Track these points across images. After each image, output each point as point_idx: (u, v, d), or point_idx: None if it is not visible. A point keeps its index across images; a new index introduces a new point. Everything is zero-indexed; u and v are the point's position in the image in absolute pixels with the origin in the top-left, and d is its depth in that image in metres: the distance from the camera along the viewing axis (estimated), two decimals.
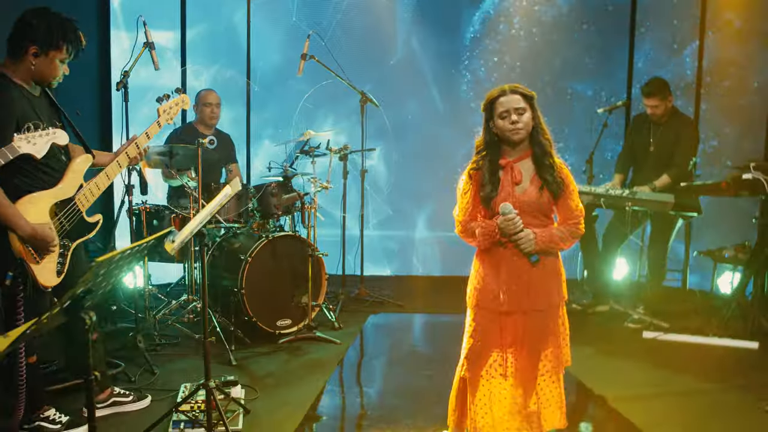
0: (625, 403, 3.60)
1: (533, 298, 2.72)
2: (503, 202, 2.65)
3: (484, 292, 2.75)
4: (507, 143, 2.71)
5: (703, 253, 5.15)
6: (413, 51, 6.63)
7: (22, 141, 2.46)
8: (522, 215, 2.66)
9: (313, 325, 4.66)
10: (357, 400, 3.65)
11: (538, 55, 6.51)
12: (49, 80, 2.96)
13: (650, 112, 5.02)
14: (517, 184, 2.70)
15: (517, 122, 2.65)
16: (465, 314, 2.87)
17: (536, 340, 2.74)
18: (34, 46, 2.84)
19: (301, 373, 4.02)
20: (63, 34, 2.88)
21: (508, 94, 2.71)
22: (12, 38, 2.88)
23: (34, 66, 2.87)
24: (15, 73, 2.88)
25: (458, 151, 6.65)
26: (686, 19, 6.12)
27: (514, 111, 2.66)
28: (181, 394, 3.57)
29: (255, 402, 3.54)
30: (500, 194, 2.67)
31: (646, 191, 4.80)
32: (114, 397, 3.40)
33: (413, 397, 3.68)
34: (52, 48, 2.87)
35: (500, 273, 2.72)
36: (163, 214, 4.75)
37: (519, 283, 2.70)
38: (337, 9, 6.44)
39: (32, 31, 2.83)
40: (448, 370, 3.89)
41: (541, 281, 2.73)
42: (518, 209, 2.65)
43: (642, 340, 4.70)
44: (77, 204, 3.00)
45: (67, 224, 2.97)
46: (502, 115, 2.67)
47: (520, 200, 2.68)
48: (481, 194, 2.70)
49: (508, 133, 2.67)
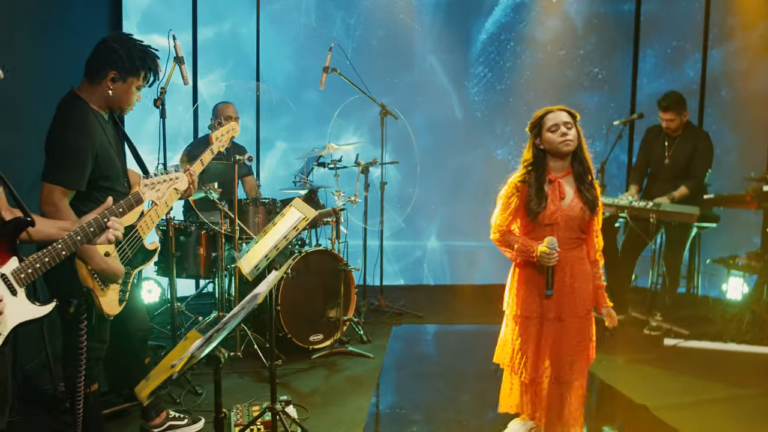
0: (668, 412, 3.70)
1: (576, 304, 2.88)
2: (551, 215, 2.79)
3: (528, 300, 2.90)
4: (554, 157, 2.84)
5: (716, 260, 5.33)
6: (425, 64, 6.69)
7: (147, 188, 2.41)
8: (565, 230, 2.82)
9: (345, 339, 4.66)
10: (408, 416, 3.65)
11: (545, 66, 6.63)
12: (124, 107, 2.90)
13: (665, 126, 5.17)
14: (562, 199, 2.82)
15: (566, 134, 2.76)
16: (503, 324, 3.05)
17: (575, 344, 2.88)
18: (114, 71, 2.79)
19: (345, 390, 4.02)
20: (143, 61, 2.83)
21: (556, 111, 2.84)
22: (92, 62, 2.82)
23: (111, 91, 2.81)
24: (91, 97, 2.82)
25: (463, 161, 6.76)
26: (690, 30, 6.34)
27: (563, 124, 2.78)
28: (233, 415, 3.53)
29: (308, 422, 3.52)
30: (548, 207, 2.80)
31: (665, 202, 4.95)
32: (169, 420, 3.34)
33: (461, 411, 3.71)
34: (131, 74, 2.82)
35: (542, 282, 2.85)
36: (190, 230, 4.67)
37: (563, 291, 2.84)
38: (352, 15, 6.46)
39: (113, 56, 2.77)
40: (486, 381, 4.00)
41: (582, 288, 2.90)
42: (563, 223, 2.81)
43: (664, 348, 4.84)
44: (139, 231, 2.95)
45: (130, 252, 2.92)
46: (552, 129, 2.79)
47: (566, 215, 2.82)
48: (530, 206, 2.82)
49: (558, 146, 2.78)
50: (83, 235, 2.18)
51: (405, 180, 6.60)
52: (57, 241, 2.12)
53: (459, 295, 6.43)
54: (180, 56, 4.34)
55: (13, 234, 2.05)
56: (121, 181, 2.90)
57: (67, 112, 2.78)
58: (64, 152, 2.69)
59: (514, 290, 2.94)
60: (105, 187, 2.80)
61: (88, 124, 2.73)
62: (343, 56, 5.32)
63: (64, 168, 2.68)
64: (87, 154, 2.68)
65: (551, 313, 2.84)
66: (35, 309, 2.08)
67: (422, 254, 6.87)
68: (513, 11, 6.69)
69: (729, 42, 6.22)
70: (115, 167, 2.86)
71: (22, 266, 2.03)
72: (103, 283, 2.75)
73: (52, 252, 2.10)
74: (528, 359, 2.90)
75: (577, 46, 6.65)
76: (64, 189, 2.67)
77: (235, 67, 6.28)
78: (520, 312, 2.90)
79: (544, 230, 2.81)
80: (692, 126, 5.25)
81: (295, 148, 6.45)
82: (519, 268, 2.94)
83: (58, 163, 2.69)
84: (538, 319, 2.86)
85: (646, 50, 6.59)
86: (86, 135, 2.70)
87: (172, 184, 2.54)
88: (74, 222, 2.29)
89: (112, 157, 2.84)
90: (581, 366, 2.93)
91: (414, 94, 6.51)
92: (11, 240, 2.04)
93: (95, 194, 2.78)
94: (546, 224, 2.80)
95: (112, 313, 2.82)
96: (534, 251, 2.76)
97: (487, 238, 6.94)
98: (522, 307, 2.88)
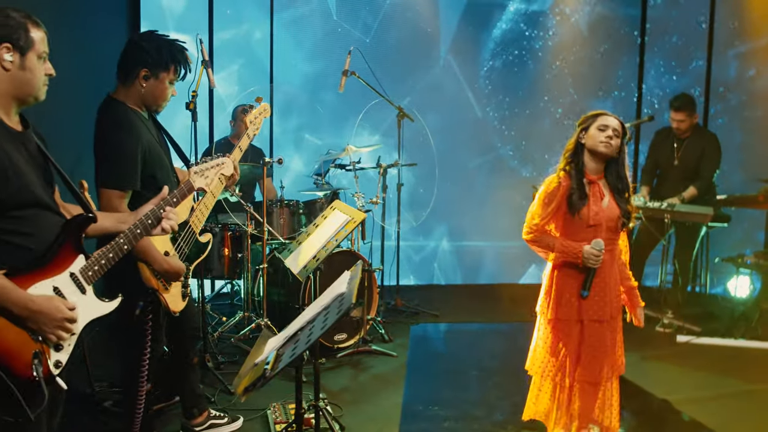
0: (690, 406, 3.83)
1: (612, 306, 2.95)
2: (595, 215, 2.84)
3: (565, 303, 2.92)
4: (591, 156, 2.90)
5: (725, 259, 5.48)
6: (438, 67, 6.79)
7: (197, 176, 2.44)
8: (605, 231, 2.87)
9: (368, 338, 4.73)
10: (441, 413, 3.74)
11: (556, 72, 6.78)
12: (159, 103, 2.93)
13: (675, 126, 5.32)
14: (601, 199, 2.91)
15: (611, 138, 2.85)
16: (536, 328, 3.06)
17: (611, 345, 2.96)
18: (145, 68, 2.82)
19: (374, 388, 4.10)
20: (172, 55, 2.86)
21: (611, 117, 2.92)
22: (123, 63, 2.86)
23: (144, 89, 2.84)
24: (127, 98, 2.85)
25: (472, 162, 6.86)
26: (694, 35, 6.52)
27: (612, 130, 2.86)
28: (270, 413, 3.60)
29: (342, 419, 3.59)
30: (591, 208, 2.85)
31: (675, 202, 5.09)
32: (211, 419, 3.39)
33: (493, 409, 3.81)
34: (162, 69, 2.85)
35: (580, 284, 2.89)
36: (214, 231, 4.72)
37: (600, 294, 2.90)
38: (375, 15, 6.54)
39: (143, 54, 2.81)
40: (513, 379, 4.09)
41: (614, 289, 2.98)
42: (605, 224, 2.86)
43: (677, 344, 4.97)
44: (192, 226, 3.00)
45: (186, 248, 2.97)
46: (601, 127, 2.87)
47: (606, 215, 2.88)
48: (572, 199, 2.84)
49: (598, 144, 2.85)
50: (142, 228, 2.20)
51: (418, 181, 6.69)
52: (119, 236, 2.15)
53: (471, 295, 6.53)
54: (207, 59, 4.40)
55: (78, 232, 2.05)
56: (171, 178, 2.94)
57: (110, 115, 2.81)
58: (115, 155, 2.72)
59: (552, 293, 2.94)
60: (156, 186, 2.82)
61: (132, 125, 2.77)
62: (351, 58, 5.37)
63: (118, 171, 2.72)
64: (136, 154, 2.72)
65: (587, 314, 2.88)
66: (104, 305, 2.11)
67: (433, 254, 6.96)
68: (524, 18, 6.82)
69: (734, 45, 6.40)
70: (164, 164, 2.90)
71: (89, 263, 2.05)
72: (167, 282, 2.80)
73: (115, 247, 2.12)
74: (564, 362, 2.92)
75: (585, 51, 6.79)
76: (121, 192, 2.71)
77: (249, 69, 6.33)
78: (557, 315, 2.90)
79: (586, 231, 2.84)
80: (700, 128, 5.41)
81: (310, 150, 6.51)
82: (556, 270, 2.95)
83: (111, 167, 2.73)
84: (576, 322, 2.89)
85: (653, 54, 6.74)
86: (133, 135, 2.74)
87: (219, 170, 2.57)
88: (129, 214, 2.31)
89: (159, 155, 2.88)
90: (617, 366, 3.01)
91: (426, 96, 6.59)
92: (77, 238, 2.04)
93: (147, 194, 2.80)
94: (589, 225, 2.83)
95: (177, 309, 2.88)
96: (579, 252, 2.81)
97: (494, 238, 7.05)
98: (559, 310, 2.90)
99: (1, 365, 1.81)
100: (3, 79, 1.93)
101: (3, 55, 1.91)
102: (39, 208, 1.97)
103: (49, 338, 1.90)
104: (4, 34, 1.91)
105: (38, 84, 2.00)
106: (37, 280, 1.91)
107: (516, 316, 5.69)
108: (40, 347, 1.89)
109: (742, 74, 6.43)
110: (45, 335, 1.89)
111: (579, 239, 2.85)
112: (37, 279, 1.91)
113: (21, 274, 1.88)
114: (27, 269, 1.90)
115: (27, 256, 1.93)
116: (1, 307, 1.81)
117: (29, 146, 2.01)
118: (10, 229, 1.90)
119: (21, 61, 1.94)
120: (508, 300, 6.24)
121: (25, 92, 1.98)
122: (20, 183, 1.90)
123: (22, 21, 1.95)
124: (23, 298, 1.84)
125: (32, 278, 1.91)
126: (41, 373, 1.86)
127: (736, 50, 6.44)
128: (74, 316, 1.93)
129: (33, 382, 1.85)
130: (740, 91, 6.49)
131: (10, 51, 1.92)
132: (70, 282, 2.00)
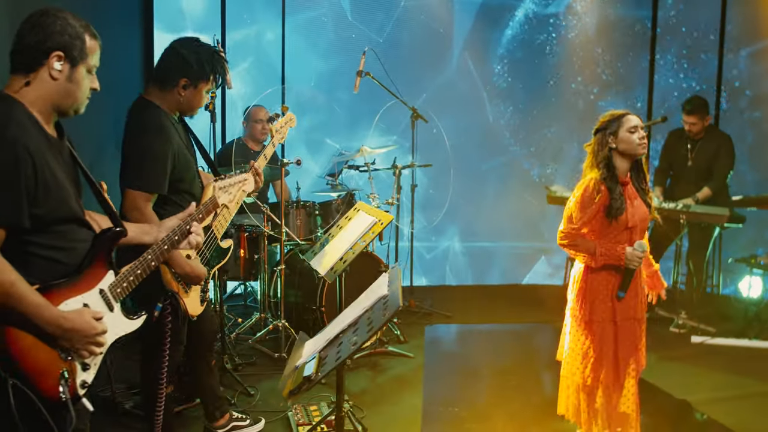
0: (710, 407, 3.85)
1: (643, 306, 2.98)
2: (632, 217, 2.85)
3: (599, 304, 2.92)
4: (622, 159, 2.89)
5: (738, 260, 5.48)
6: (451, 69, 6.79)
7: (221, 192, 2.45)
8: (639, 232, 2.90)
9: (385, 340, 4.74)
10: (462, 414, 3.75)
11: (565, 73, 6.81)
12: (194, 110, 2.95)
13: (687, 128, 5.33)
14: (634, 200, 2.92)
15: (643, 138, 2.86)
16: (567, 329, 3.05)
17: (639, 345, 2.98)
18: (186, 78, 2.82)
19: (393, 389, 4.10)
20: (212, 67, 2.87)
21: (632, 115, 2.92)
22: (162, 69, 2.85)
23: (182, 97, 2.85)
24: (162, 102, 2.85)
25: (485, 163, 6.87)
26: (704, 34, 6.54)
27: (641, 129, 2.86)
28: (291, 415, 3.60)
29: (364, 420, 3.59)
30: (627, 210, 2.86)
31: (690, 203, 5.11)
32: (233, 422, 3.39)
33: (514, 410, 3.81)
34: (201, 79, 2.85)
35: (616, 284, 2.89)
36: (230, 232, 4.70)
37: (632, 292, 2.92)
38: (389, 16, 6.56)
39: (185, 65, 2.80)
40: (529, 379, 4.11)
41: (643, 290, 3.00)
42: (639, 225, 2.88)
43: (691, 345, 4.98)
44: (214, 231, 3.00)
45: (208, 253, 2.97)
46: (631, 130, 2.86)
47: (640, 216, 2.91)
48: (613, 207, 2.83)
49: (636, 147, 2.86)
50: (170, 244, 2.19)
51: (429, 182, 6.70)
52: (146, 252, 2.12)
53: (482, 295, 6.52)
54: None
55: (110, 246, 2.00)
56: (196, 182, 2.94)
57: (143, 117, 2.81)
58: (145, 157, 2.72)
59: (585, 294, 2.93)
60: (181, 190, 2.83)
61: (165, 128, 2.76)
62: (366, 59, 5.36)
63: (147, 173, 2.71)
64: (167, 158, 2.72)
65: (620, 314, 2.89)
66: (130, 323, 2.07)
67: (444, 255, 6.96)
68: (537, 20, 6.84)
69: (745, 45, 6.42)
70: (191, 169, 2.90)
71: (117, 280, 2.00)
72: (187, 286, 2.80)
73: (143, 263, 2.09)
74: (596, 362, 2.92)
75: (596, 52, 6.80)
76: (149, 195, 2.70)
77: (261, 70, 6.33)
78: (590, 316, 2.90)
79: (623, 234, 2.85)
80: (714, 129, 5.42)
81: (322, 151, 6.50)
82: (589, 272, 2.94)
83: (140, 169, 2.72)
84: (609, 322, 2.89)
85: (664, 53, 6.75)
86: (165, 139, 2.74)
87: (242, 186, 2.62)
88: (151, 225, 2.29)
89: (188, 159, 2.87)
90: (641, 363, 3.03)
91: (439, 97, 6.59)
92: (108, 253, 1.99)
93: (172, 197, 2.81)
94: (626, 227, 2.84)
95: (195, 313, 2.87)
96: (622, 255, 2.80)
97: (503, 238, 7.04)
98: (593, 310, 2.90)
99: (30, 385, 1.75)
100: (49, 88, 1.86)
101: (53, 63, 1.84)
102: (75, 223, 1.92)
103: (81, 355, 1.85)
104: (60, 42, 1.85)
105: (82, 98, 1.94)
106: (68, 297, 1.86)
107: (528, 317, 5.70)
108: (67, 366, 1.84)
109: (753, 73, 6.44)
110: (77, 352, 1.84)
111: (616, 241, 2.86)
112: (68, 295, 1.86)
113: (53, 289, 1.82)
114: (59, 285, 1.85)
115: (61, 271, 1.87)
116: (33, 325, 1.75)
117: (64, 154, 1.97)
118: (48, 244, 1.85)
119: (70, 72, 1.88)
120: (519, 301, 6.26)
121: (67, 104, 1.91)
122: (60, 197, 1.85)
123: (81, 31, 1.89)
124: (56, 316, 1.78)
125: (63, 294, 1.85)
126: (68, 393, 1.81)
127: (748, 50, 6.45)
128: (105, 328, 1.89)
129: (60, 403, 1.80)
130: (751, 90, 6.50)
131: (61, 60, 1.85)
132: (99, 299, 1.95)
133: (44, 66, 1.85)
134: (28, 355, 1.76)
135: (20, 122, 1.79)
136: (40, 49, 1.84)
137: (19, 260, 1.76)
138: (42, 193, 1.79)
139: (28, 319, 1.73)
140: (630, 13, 6.80)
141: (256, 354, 4.53)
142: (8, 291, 1.69)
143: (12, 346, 1.74)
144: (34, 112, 1.86)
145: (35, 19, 1.87)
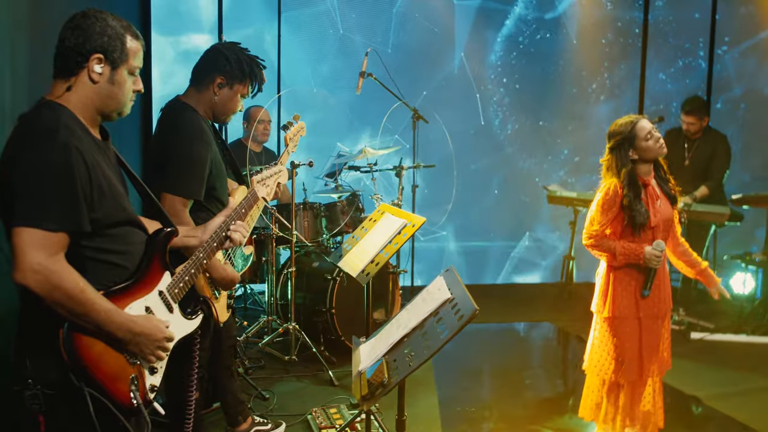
0: (719, 402, 3.93)
1: (668, 303, 3.04)
2: (653, 215, 2.90)
3: (623, 301, 2.97)
4: (644, 163, 2.95)
5: (733, 257, 5.61)
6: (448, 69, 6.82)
7: (259, 185, 2.42)
8: (663, 231, 2.94)
9: None
10: (479, 414, 3.77)
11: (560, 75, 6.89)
12: (228, 114, 2.87)
13: (686, 128, 5.44)
14: (657, 200, 2.97)
15: (659, 139, 2.92)
16: (592, 328, 3.10)
17: (664, 342, 3.05)
18: (222, 76, 2.76)
19: (407, 389, 4.08)
20: (251, 69, 2.81)
21: (642, 119, 2.97)
22: (200, 67, 2.80)
23: (217, 97, 2.78)
24: (198, 105, 2.78)
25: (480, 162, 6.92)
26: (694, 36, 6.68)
27: (653, 130, 2.92)
28: (311, 418, 3.58)
29: (384, 422, 3.58)
30: (649, 210, 2.91)
31: (689, 202, 5.21)
32: (255, 426, 3.36)
33: (529, 409, 3.85)
34: (237, 81, 2.78)
35: (640, 282, 2.95)
36: None
37: (655, 291, 2.97)
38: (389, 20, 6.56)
39: (223, 61, 2.75)
40: (542, 378, 4.14)
41: (667, 287, 3.05)
42: (662, 224, 2.93)
43: (691, 341, 5.08)
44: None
45: (234, 257, 2.94)
46: (647, 137, 2.91)
47: (663, 216, 2.95)
48: (635, 215, 2.88)
49: (658, 151, 2.92)
50: (218, 241, 2.16)
51: (427, 183, 6.71)
52: (197, 251, 2.10)
53: (481, 295, 6.53)
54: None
55: (164, 247, 1.97)
56: (226, 189, 2.90)
57: (182, 120, 2.72)
58: (185, 162, 2.65)
59: (609, 292, 2.98)
60: (214, 197, 2.78)
61: (205, 133, 2.71)
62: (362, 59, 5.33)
63: (187, 178, 2.64)
64: (206, 163, 2.67)
65: (644, 311, 2.94)
66: (189, 323, 2.05)
67: (440, 255, 6.99)
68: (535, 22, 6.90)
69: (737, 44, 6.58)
70: (223, 175, 2.84)
71: (174, 280, 1.98)
72: (217, 291, 2.76)
73: (197, 262, 2.07)
74: (620, 359, 2.96)
75: (592, 54, 6.91)
76: (186, 200, 2.64)
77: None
78: (615, 313, 2.94)
79: (645, 234, 2.89)
80: (711, 129, 5.54)
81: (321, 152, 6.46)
82: (613, 270, 2.99)
83: (180, 174, 2.64)
84: (634, 319, 2.94)
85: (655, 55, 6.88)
86: (205, 144, 2.68)
87: (277, 178, 2.56)
88: (194, 228, 2.25)
89: (222, 166, 2.82)
90: (665, 363, 3.07)
91: (436, 97, 6.62)
92: (163, 254, 1.96)
93: (205, 204, 2.77)
94: (649, 227, 2.89)
95: (223, 319, 2.84)
96: (641, 253, 2.86)
97: (500, 238, 7.08)
98: (618, 308, 2.94)
99: (105, 393, 1.72)
100: (89, 91, 1.81)
101: (93, 66, 1.79)
102: (130, 226, 1.89)
103: (149, 359, 1.83)
104: (99, 44, 1.79)
105: (124, 100, 1.88)
106: (132, 300, 1.83)
107: (528, 316, 5.76)
108: (136, 371, 1.81)
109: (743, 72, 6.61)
110: (145, 357, 1.82)
111: (638, 241, 2.90)
112: (131, 299, 1.83)
113: (116, 294, 1.79)
114: (121, 289, 1.82)
115: (120, 274, 1.84)
116: (104, 331, 1.72)
117: (110, 157, 1.92)
118: (107, 248, 1.81)
119: (111, 75, 1.82)
120: (520, 301, 6.32)
121: (109, 107, 1.86)
122: (114, 199, 1.81)
123: (121, 32, 1.83)
124: (126, 321, 1.76)
125: (127, 298, 1.82)
126: (139, 398, 1.79)
127: (738, 48, 6.62)
128: (172, 334, 1.88)
129: (132, 409, 1.78)
130: (741, 89, 6.66)
131: (101, 62, 1.80)
132: (159, 301, 1.93)
133: (84, 69, 1.80)
134: (100, 361, 1.73)
135: (69, 126, 1.75)
136: (80, 51, 1.79)
137: (79, 266, 1.72)
138: (97, 196, 1.75)
139: (99, 325, 1.70)
140: (625, 15, 6.91)
141: (264, 357, 4.49)
142: (79, 298, 1.66)
143: (84, 354, 1.70)
144: (78, 116, 1.81)
145: (76, 21, 1.82)
